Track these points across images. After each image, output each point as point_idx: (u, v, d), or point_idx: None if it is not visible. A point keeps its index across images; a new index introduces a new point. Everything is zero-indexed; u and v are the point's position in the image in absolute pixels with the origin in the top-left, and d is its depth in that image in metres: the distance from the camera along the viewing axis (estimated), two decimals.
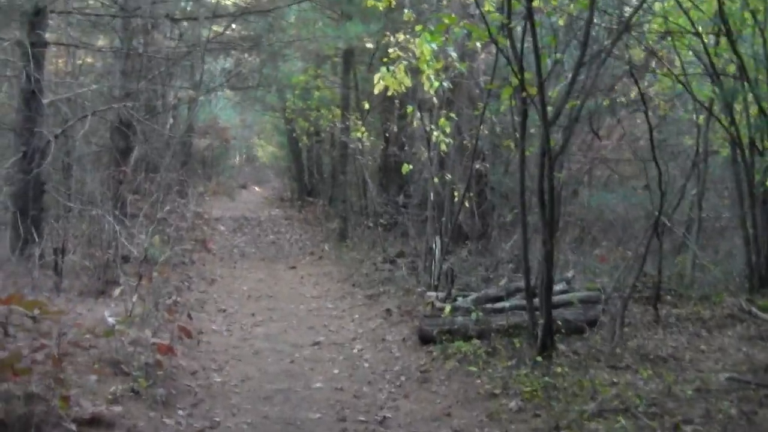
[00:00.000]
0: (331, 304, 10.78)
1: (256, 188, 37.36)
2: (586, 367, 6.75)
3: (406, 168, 10.22)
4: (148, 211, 11.52)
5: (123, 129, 13.05)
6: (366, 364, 7.61)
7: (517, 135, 7.22)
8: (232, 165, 39.75)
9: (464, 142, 11.06)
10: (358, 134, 13.58)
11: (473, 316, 7.47)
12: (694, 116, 11.29)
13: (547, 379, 6.34)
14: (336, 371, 7.35)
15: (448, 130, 9.62)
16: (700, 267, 11.36)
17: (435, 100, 9.79)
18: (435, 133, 9.65)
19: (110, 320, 6.20)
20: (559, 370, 6.52)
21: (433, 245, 10.57)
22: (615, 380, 6.41)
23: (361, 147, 13.58)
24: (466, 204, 10.48)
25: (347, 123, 14.63)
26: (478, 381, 6.53)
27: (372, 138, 13.95)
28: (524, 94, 6.60)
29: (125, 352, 6.40)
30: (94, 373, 5.93)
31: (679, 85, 10.15)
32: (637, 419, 5.52)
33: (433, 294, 8.82)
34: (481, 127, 9.61)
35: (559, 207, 8.63)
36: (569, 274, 9.45)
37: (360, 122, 13.43)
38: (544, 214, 6.75)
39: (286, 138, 25.72)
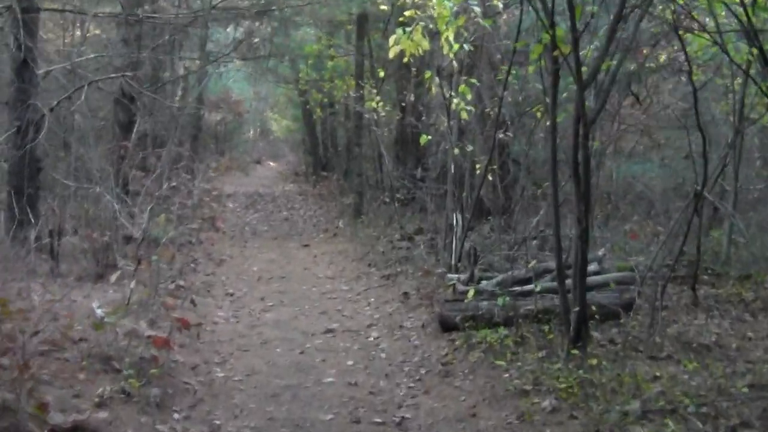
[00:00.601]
0: (345, 285, 10.18)
1: (271, 163, 36.86)
2: (624, 359, 6.10)
3: (424, 139, 9.52)
4: (152, 189, 10.95)
5: (125, 102, 12.42)
6: (382, 355, 7.01)
7: (547, 100, 6.52)
8: (246, 139, 39.20)
9: (486, 110, 10.35)
10: (373, 104, 12.89)
11: (500, 301, 6.83)
12: (729, 82, 10.53)
13: (582, 372, 5.70)
14: (350, 363, 6.75)
15: (469, 96, 8.92)
16: (734, 243, 10.64)
17: (455, 63, 9.06)
18: (455, 101, 8.95)
19: (99, 312, 5.62)
20: (594, 362, 5.87)
21: (454, 222, 9.92)
22: (657, 374, 5.77)
23: (376, 118, 12.89)
24: (489, 177, 9.81)
25: (361, 92, 13.92)
26: (506, 375, 5.91)
27: (387, 108, 13.23)
28: (556, 52, 5.89)
29: (117, 347, 5.82)
30: (81, 371, 5.37)
31: (714, 47, 9.36)
32: (687, 421, 4.89)
33: (454, 276, 8.19)
34: (505, 93, 8.89)
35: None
36: (600, 253, 8.79)
37: (375, 91, 12.71)
38: (579, 188, 6.07)
39: (300, 110, 25.10)
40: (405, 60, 10.66)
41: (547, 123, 9.91)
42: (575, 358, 5.98)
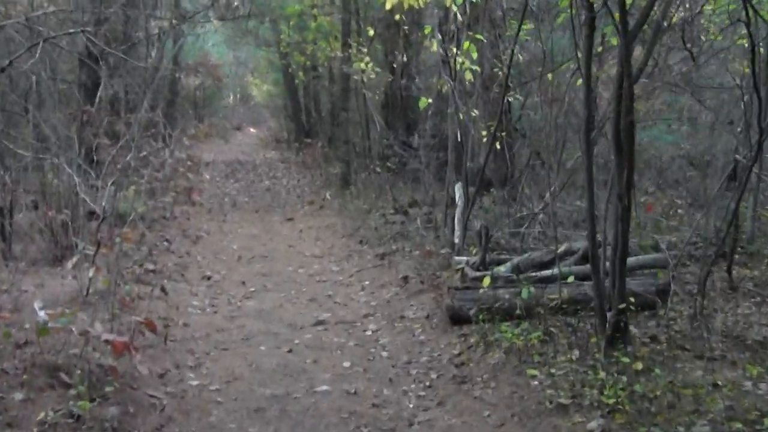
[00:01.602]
0: (335, 266, 9.18)
1: (251, 129, 35.87)
2: (672, 360, 5.18)
3: (423, 102, 8.44)
4: (118, 159, 9.86)
5: (88, 62, 11.23)
6: (384, 353, 6.04)
7: (578, 54, 5.49)
8: (226, 105, 38.13)
9: (494, 69, 9.30)
10: (362, 65, 11.79)
11: (524, 293, 5.83)
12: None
13: (627, 381, 4.76)
14: (346, 364, 5.77)
15: (474, 55, 7.87)
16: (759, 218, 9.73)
17: (459, 17, 7.99)
18: (459, 60, 7.89)
19: (41, 314, 4.59)
20: (639, 366, 4.92)
21: (456, 195, 8.93)
22: (717, 381, 4.84)
23: (365, 80, 11.79)
24: (497, 145, 8.79)
25: (348, 53, 12.80)
26: (536, 383, 4.95)
27: (378, 70, 12.13)
28: None
29: (67, 354, 4.81)
30: (19, 389, 4.36)
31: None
32: None
33: (462, 259, 7.20)
34: (515, 51, 7.84)
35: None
36: None
37: (365, 50, 11.59)
38: (621, 160, 5.07)
39: (282, 74, 23.91)
40: (397, 17, 9.65)
41: (553, 84, 8.97)
42: (615, 361, 5.04)
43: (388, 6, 7.13)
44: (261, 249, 10.18)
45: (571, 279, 6.01)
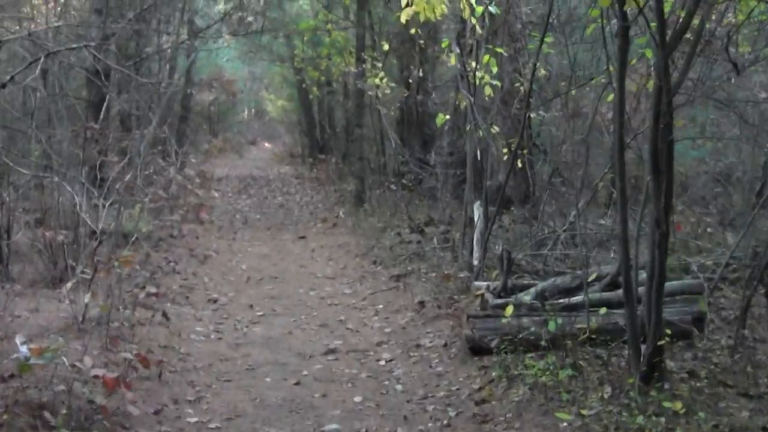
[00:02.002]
0: (348, 288, 8.77)
1: (266, 144, 35.77)
2: (714, 399, 4.72)
3: (441, 119, 8.04)
4: (122, 177, 9.54)
5: (93, 78, 10.91)
6: (398, 386, 5.61)
7: (611, 67, 5.08)
8: (240, 120, 38.00)
9: (515, 84, 8.90)
10: (376, 81, 11.43)
11: (551, 325, 5.38)
12: None
13: (664, 421, 4.32)
14: (358, 399, 5.35)
15: (494, 69, 7.47)
16: None
17: (478, 29, 7.60)
18: (478, 74, 7.50)
19: (23, 349, 4.20)
20: (679, 406, 4.47)
21: (474, 214, 8.52)
22: (766, 425, 4.38)
23: (379, 96, 11.41)
24: (519, 163, 8.37)
25: (363, 67, 12.45)
26: (565, 425, 4.50)
27: (393, 84, 11.76)
28: (628, 4, 4.46)
29: (54, 391, 4.42)
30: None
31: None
32: None
33: (482, 285, 6.77)
34: (537, 64, 7.43)
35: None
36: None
37: (380, 65, 11.22)
38: (658, 182, 4.65)
39: (296, 90, 23.63)
40: (413, 31, 9.28)
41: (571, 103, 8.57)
42: (653, 400, 4.59)
43: (403, 19, 6.74)
44: (271, 269, 9.80)
45: (603, 311, 5.56)
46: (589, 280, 5.97)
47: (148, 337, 6.20)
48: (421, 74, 12.52)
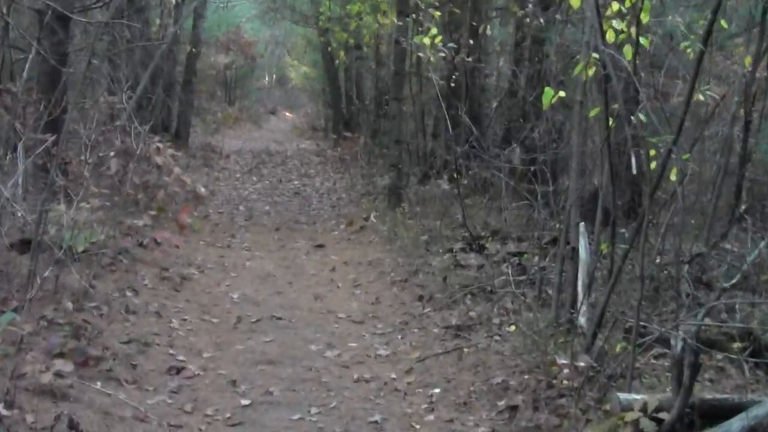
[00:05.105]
0: (384, 344, 5.89)
1: (287, 114, 33.14)
2: None
3: (549, 94, 4.79)
4: (76, 169, 6.76)
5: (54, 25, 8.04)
6: None
7: None
8: (260, 87, 35.34)
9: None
10: (426, 40, 8.40)
11: None
12: None
13: None
14: None
15: (645, 18, 4.46)
16: None
17: None
18: (619, 24, 4.49)
19: None
20: None
21: (580, 246, 5.59)
22: None
23: (432, 60, 8.42)
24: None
25: (405, 20, 9.43)
26: None
27: (450, 44, 8.69)
28: None
29: None
30: None
31: None
32: None
33: (635, 399, 3.81)
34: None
35: None
36: None
37: (435, 17, 8.20)
38: None
39: (320, 54, 20.69)
40: None
41: None
42: None
43: None
44: (274, 301, 6.93)
45: None
46: None
47: None
48: (484, 30, 9.47)
